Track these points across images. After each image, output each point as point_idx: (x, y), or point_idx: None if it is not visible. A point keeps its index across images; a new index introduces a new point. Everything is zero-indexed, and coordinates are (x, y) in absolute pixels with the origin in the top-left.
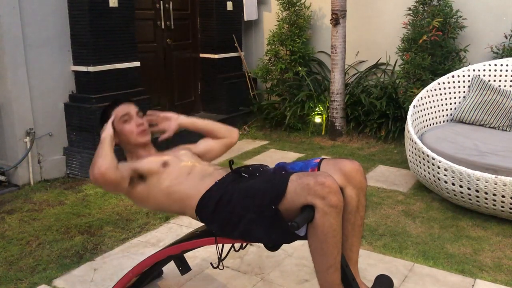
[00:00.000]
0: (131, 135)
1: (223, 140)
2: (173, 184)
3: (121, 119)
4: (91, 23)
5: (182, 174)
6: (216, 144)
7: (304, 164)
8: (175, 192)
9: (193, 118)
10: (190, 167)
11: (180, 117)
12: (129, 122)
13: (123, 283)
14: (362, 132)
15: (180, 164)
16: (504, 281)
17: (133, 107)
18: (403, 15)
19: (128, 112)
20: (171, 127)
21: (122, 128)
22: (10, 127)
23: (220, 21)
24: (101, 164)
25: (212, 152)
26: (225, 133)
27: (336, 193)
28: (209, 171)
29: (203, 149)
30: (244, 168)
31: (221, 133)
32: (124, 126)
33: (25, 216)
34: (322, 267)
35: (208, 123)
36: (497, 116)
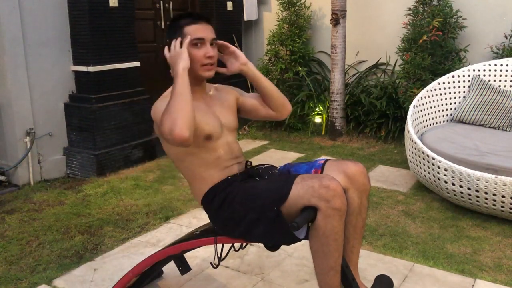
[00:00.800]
0: (197, 64)
1: (272, 112)
2: (201, 157)
3: (193, 41)
4: (91, 23)
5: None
6: (264, 111)
7: (309, 167)
8: (197, 165)
9: (258, 73)
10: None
11: (248, 64)
12: (200, 48)
13: (123, 283)
14: (362, 132)
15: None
16: (504, 281)
17: (211, 30)
18: (403, 15)
19: (204, 36)
20: (233, 67)
21: (189, 51)
22: (10, 127)
23: (220, 21)
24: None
25: (255, 114)
26: (279, 107)
27: (340, 196)
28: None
29: (250, 106)
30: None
31: (275, 104)
32: (193, 51)
33: (25, 216)
34: (323, 270)
35: (269, 86)
36: (497, 116)
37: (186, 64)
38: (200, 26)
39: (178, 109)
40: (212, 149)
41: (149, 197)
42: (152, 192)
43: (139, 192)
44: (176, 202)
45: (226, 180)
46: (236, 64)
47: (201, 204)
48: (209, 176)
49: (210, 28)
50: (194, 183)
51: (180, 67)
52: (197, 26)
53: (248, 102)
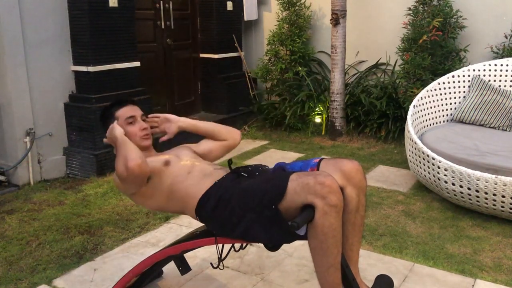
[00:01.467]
0: (135, 137)
1: (225, 142)
2: (174, 182)
3: (126, 120)
4: (91, 23)
5: (182, 172)
6: (218, 146)
7: (304, 164)
8: (176, 191)
9: (193, 121)
10: (190, 166)
11: (181, 120)
12: (134, 124)
13: (123, 283)
14: (362, 132)
15: (180, 163)
16: (504, 281)
17: (138, 109)
18: (403, 15)
19: (134, 114)
20: (172, 129)
21: (126, 130)
22: (10, 127)
23: (220, 21)
24: (136, 157)
25: (214, 153)
26: (227, 136)
27: (336, 192)
28: (209, 170)
29: (204, 150)
30: (243, 167)
31: (223, 135)
32: (128, 128)
33: (25, 216)
34: (322, 267)
35: (209, 125)
36: (497, 116)
37: (121, 130)
38: (128, 107)
39: (124, 150)
40: (182, 168)
41: None
42: None
43: None
44: None
45: (214, 184)
46: (173, 126)
47: (196, 216)
48: (196, 189)
49: (136, 107)
50: (187, 205)
51: (118, 134)
52: (126, 108)
53: (202, 146)
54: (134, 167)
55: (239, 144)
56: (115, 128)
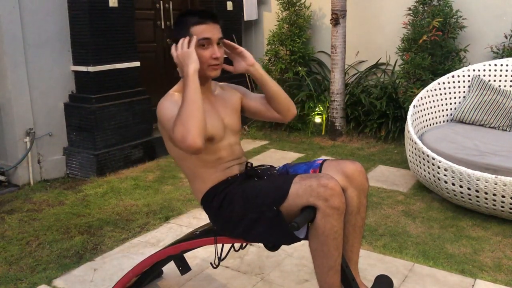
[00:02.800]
0: (204, 64)
1: (277, 115)
2: (203, 159)
3: (200, 41)
4: (91, 23)
5: (212, 158)
6: (268, 113)
7: (307, 167)
8: (199, 166)
9: (265, 74)
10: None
11: (255, 64)
12: (207, 48)
13: (123, 283)
14: (362, 132)
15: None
16: (504, 281)
17: (218, 31)
18: (403, 15)
19: (211, 37)
20: (240, 67)
21: (196, 51)
22: (10, 127)
23: (220, 21)
24: (198, 134)
25: (259, 115)
26: (283, 110)
27: (338, 195)
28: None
29: (254, 108)
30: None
31: (281, 108)
32: (199, 51)
33: (25, 216)
34: (323, 269)
35: (276, 88)
36: (497, 116)
37: (196, 66)
38: (207, 26)
39: (190, 117)
40: (214, 151)
41: (149, 197)
42: (152, 192)
43: (139, 192)
44: (176, 202)
45: (226, 180)
46: (243, 65)
47: (201, 204)
48: (209, 176)
49: (217, 28)
50: (195, 183)
51: (191, 69)
52: (204, 26)
53: (252, 103)
54: (191, 146)
55: (287, 122)
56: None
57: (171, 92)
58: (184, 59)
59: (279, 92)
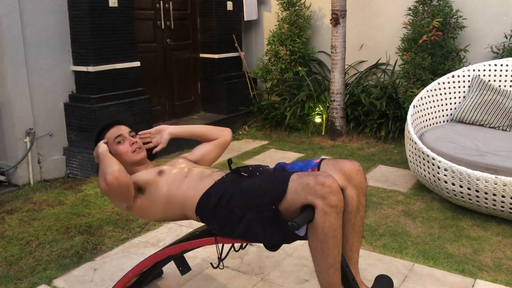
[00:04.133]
0: (127, 154)
1: (217, 141)
2: (170, 188)
3: (115, 140)
4: (91, 23)
5: (178, 178)
6: (212, 146)
7: (304, 164)
8: (174, 196)
9: (183, 126)
10: (186, 171)
11: (170, 127)
12: (123, 142)
13: (123, 283)
14: (362, 132)
15: (174, 170)
16: (504, 281)
17: (124, 127)
18: (403, 15)
19: (121, 133)
20: (164, 138)
21: (117, 149)
22: (10, 127)
23: (220, 21)
24: (113, 170)
25: (209, 155)
26: (218, 134)
27: (336, 193)
28: (207, 173)
29: (200, 154)
30: (243, 167)
31: (214, 135)
32: (119, 147)
33: (25, 216)
34: (322, 267)
35: (198, 127)
36: (497, 116)
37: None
38: (114, 128)
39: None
40: (178, 173)
41: None
42: None
43: None
44: None
45: (214, 184)
46: (164, 136)
47: (196, 215)
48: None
49: (123, 126)
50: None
51: (100, 150)
52: (112, 130)
53: (196, 152)
54: (112, 180)
55: (230, 141)
56: (98, 146)
57: None
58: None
59: (204, 128)
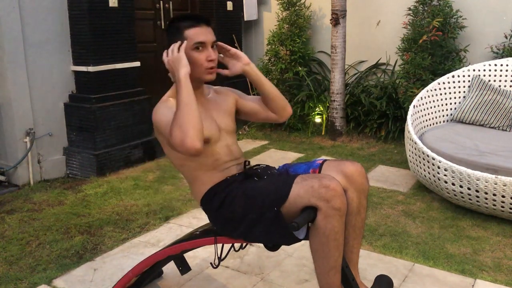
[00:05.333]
0: (200, 68)
1: (273, 115)
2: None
3: (194, 44)
4: (91, 23)
5: (210, 160)
6: (264, 113)
7: (307, 167)
8: (197, 169)
9: (260, 73)
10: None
11: (250, 64)
12: (202, 51)
13: (123, 283)
14: (362, 132)
15: (217, 147)
16: (504, 281)
17: (212, 34)
18: (403, 15)
19: (205, 40)
20: (236, 68)
21: (192, 55)
22: (10, 127)
23: (220, 21)
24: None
25: (254, 117)
26: (279, 109)
27: (340, 196)
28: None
29: (249, 109)
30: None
31: (276, 107)
32: (195, 54)
33: (25, 216)
34: (323, 269)
35: (271, 88)
36: (497, 116)
37: (187, 69)
38: (201, 29)
39: (187, 120)
40: (211, 152)
41: (149, 197)
42: (152, 192)
43: (139, 192)
44: (176, 202)
45: (225, 180)
46: (239, 65)
47: (200, 205)
48: (208, 177)
49: (210, 31)
50: (194, 185)
51: (182, 74)
52: (198, 29)
53: (247, 104)
54: (190, 148)
55: (282, 121)
56: (181, 60)
57: (165, 98)
58: (174, 64)
59: (275, 91)
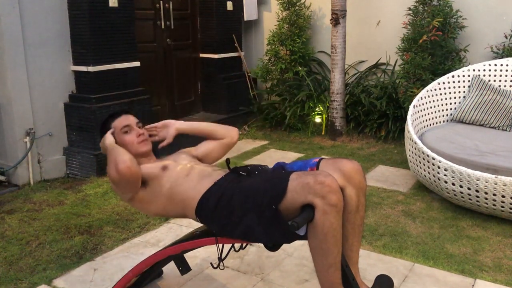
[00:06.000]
0: (132, 145)
1: (223, 141)
2: (173, 186)
3: (122, 130)
4: (91, 23)
5: (181, 175)
6: (217, 145)
7: (303, 164)
8: (175, 194)
9: (190, 122)
10: (189, 168)
11: (178, 123)
12: (130, 133)
13: (123, 283)
14: (362, 132)
15: (178, 167)
16: (504, 281)
17: (132, 117)
18: (403, 15)
19: (128, 123)
20: (170, 133)
21: (123, 139)
22: (10, 127)
23: (220, 21)
24: (125, 159)
25: (213, 154)
26: (224, 134)
27: (336, 192)
28: (208, 171)
29: (204, 151)
30: (242, 167)
31: (220, 134)
32: (125, 137)
33: (25, 216)
34: (323, 267)
35: (206, 125)
36: (497, 116)
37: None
38: (122, 117)
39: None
40: (180, 171)
41: None
42: None
43: None
44: None
45: (214, 184)
46: (171, 130)
47: (196, 216)
48: (195, 190)
49: (130, 116)
50: (188, 208)
51: (107, 142)
52: (120, 119)
53: (201, 148)
54: (124, 169)
55: (237, 141)
56: (105, 137)
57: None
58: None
59: (211, 126)
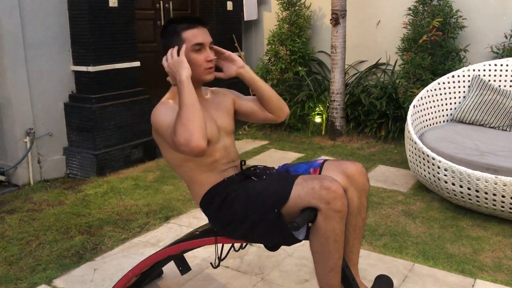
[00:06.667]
0: (199, 69)
1: (270, 115)
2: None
3: (193, 47)
4: (91, 23)
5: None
6: (261, 113)
7: (308, 166)
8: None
9: (254, 75)
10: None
11: (244, 66)
12: (201, 52)
13: (123, 283)
14: (362, 132)
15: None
16: (504, 281)
17: (208, 35)
18: (403, 15)
19: (204, 41)
20: (230, 71)
21: (190, 57)
22: (10, 127)
23: (220, 21)
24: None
25: (252, 117)
26: (276, 109)
27: (341, 198)
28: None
29: (247, 109)
30: (253, 171)
31: (273, 107)
32: (193, 56)
33: (25, 216)
34: (323, 270)
35: (266, 88)
36: (497, 116)
37: (188, 72)
38: (198, 30)
39: (191, 120)
40: (209, 153)
41: (149, 197)
42: (152, 192)
43: (139, 192)
44: (176, 202)
45: (223, 181)
46: (233, 68)
47: (200, 207)
48: (206, 179)
49: (207, 32)
50: (192, 187)
51: (184, 76)
52: (196, 31)
53: (245, 105)
54: (195, 148)
55: (280, 122)
56: (182, 62)
57: (164, 100)
58: (176, 67)
59: (271, 92)
